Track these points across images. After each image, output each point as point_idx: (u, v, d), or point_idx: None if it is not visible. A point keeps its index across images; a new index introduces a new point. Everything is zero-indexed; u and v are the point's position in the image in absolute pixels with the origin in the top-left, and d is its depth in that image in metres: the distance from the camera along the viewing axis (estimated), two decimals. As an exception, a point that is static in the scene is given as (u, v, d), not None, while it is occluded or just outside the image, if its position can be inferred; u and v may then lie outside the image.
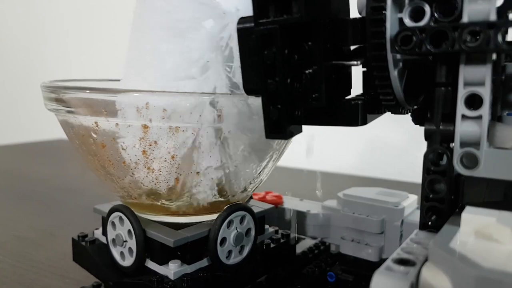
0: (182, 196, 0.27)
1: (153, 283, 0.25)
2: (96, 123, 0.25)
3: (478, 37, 0.17)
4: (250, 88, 0.22)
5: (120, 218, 0.27)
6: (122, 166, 0.26)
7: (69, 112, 0.26)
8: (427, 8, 0.18)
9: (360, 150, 0.81)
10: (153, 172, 0.26)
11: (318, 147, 0.81)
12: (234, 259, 0.28)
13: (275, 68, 0.19)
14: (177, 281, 0.25)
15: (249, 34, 0.20)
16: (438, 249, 0.17)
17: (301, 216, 0.35)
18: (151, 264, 0.27)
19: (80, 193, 0.63)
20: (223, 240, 0.27)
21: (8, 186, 0.69)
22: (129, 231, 0.27)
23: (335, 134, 0.79)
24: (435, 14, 0.18)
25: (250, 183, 0.29)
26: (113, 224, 0.28)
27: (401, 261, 0.17)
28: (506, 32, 0.17)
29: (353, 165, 0.80)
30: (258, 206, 0.31)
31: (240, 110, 0.24)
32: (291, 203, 0.37)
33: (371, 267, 0.27)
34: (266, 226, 0.32)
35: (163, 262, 0.26)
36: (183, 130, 0.24)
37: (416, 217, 0.31)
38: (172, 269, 0.26)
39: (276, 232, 0.33)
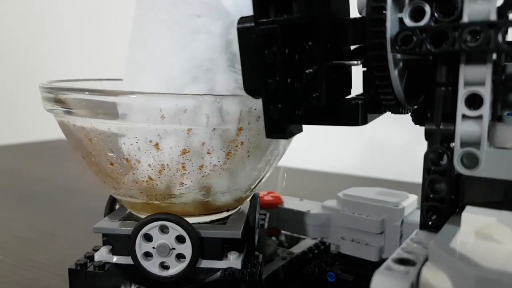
0: (189, 196, 0.27)
1: (226, 276, 0.26)
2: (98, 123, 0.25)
3: (478, 37, 0.17)
4: (250, 87, 0.22)
5: (162, 227, 0.26)
6: (126, 165, 0.26)
7: (67, 112, 0.26)
8: (427, 8, 0.18)
9: (360, 150, 0.81)
10: (162, 171, 0.26)
11: (318, 147, 0.82)
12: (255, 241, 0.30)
13: (275, 68, 0.19)
14: (249, 268, 0.27)
15: (249, 34, 0.20)
16: (438, 249, 0.17)
17: (301, 216, 0.35)
18: (205, 263, 0.27)
19: (80, 193, 0.63)
20: None
21: (8, 186, 0.69)
22: (178, 237, 0.26)
23: (335, 134, 0.79)
24: (435, 14, 0.18)
25: (255, 181, 0.30)
26: (148, 236, 0.26)
27: (401, 261, 0.17)
28: (506, 32, 0.17)
29: (353, 165, 0.80)
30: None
31: (244, 111, 0.24)
32: (291, 203, 0.37)
33: (371, 267, 0.27)
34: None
35: (222, 257, 0.27)
36: (193, 131, 0.24)
37: (416, 217, 0.31)
38: (237, 259, 0.27)
39: None
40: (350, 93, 0.23)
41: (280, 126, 0.20)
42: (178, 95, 0.24)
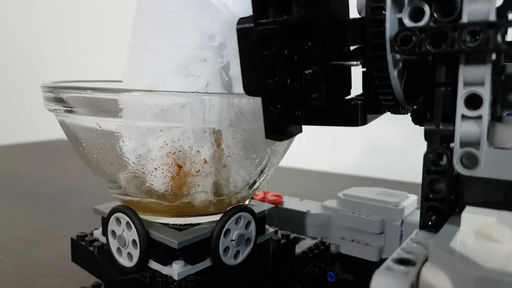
0: (183, 196, 0.27)
1: (277, 243, 0.31)
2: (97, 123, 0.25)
3: (477, 37, 0.17)
4: (250, 88, 0.22)
5: (237, 219, 0.28)
6: (125, 164, 0.26)
7: (68, 111, 0.26)
8: (426, 8, 0.18)
9: (360, 150, 0.81)
10: (155, 171, 0.26)
11: (318, 147, 0.82)
12: None
13: (275, 68, 0.19)
14: (282, 232, 0.33)
15: (249, 35, 0.20)
16: (438, 249, 0.17)
17: (301, 216, 0.35)
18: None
19: (80, 193, 0.63)
20: None
21: (8, 186, 0.69)
22: (248, 222, 0.28)
23: (335, 134, 0.79)
24: (435, 14, 0.18)
25: (252, 182, 0.30)
26: (225, 232, 0.27)
27: (401, 261, 0.17)
28: (506, 32, 0.17)
29: (353, 165, 0.80)
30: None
31: (234, 109, 0.24)
32: (291, 203, 0.37)
33: (371, 267, 0.27)
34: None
35: (265, 230, 0.31)
36: (181, 130, 0.24)
37: (416, 217, 0.31)
38: (271, 229, 0.32)
39: None
40: (349, 94, 0.23)
41: (280, 126, 0.20)
42: (180, 94, 0.24)
